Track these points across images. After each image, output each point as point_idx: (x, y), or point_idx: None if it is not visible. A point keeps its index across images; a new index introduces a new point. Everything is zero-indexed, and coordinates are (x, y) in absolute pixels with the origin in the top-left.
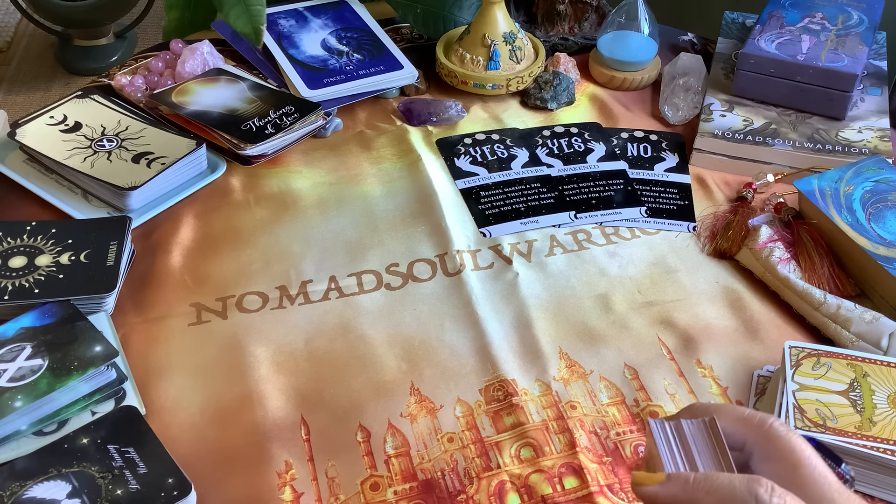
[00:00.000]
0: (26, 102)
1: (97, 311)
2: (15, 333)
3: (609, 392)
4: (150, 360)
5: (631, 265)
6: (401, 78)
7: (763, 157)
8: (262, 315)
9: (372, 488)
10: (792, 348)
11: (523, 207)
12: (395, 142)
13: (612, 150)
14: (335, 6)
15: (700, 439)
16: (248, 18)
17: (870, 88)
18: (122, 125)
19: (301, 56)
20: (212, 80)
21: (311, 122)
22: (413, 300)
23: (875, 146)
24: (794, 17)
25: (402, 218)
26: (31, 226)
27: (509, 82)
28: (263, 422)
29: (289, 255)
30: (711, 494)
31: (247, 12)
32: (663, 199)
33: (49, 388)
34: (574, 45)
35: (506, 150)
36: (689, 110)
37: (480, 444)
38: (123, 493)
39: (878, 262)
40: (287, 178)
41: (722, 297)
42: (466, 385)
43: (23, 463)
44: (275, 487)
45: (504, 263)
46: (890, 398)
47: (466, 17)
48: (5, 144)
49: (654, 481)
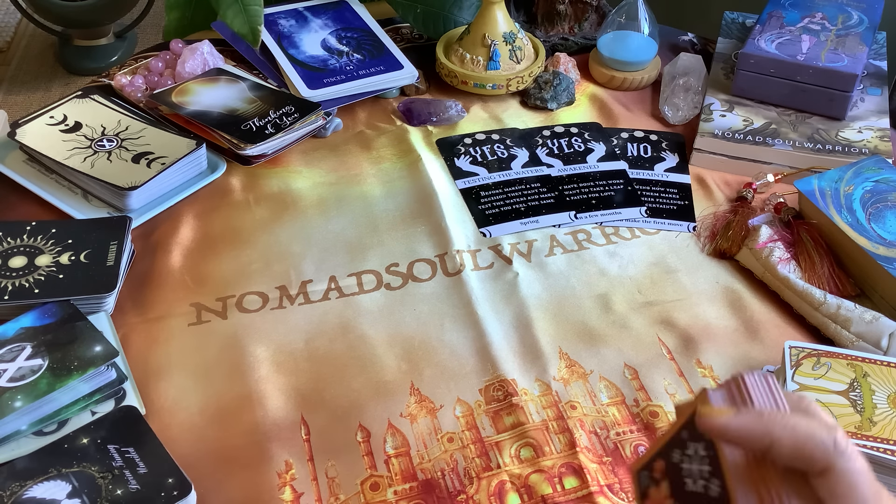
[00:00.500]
0: (26, 102)
1: (97, 311)
2: (15, 333)
3: (609, 392)
4: (150, 360)
5: (631, 265)
6: (401, 78)
7: (763, 157)
8: (262, 315)
9: (372, 488)
10: (792, 348)
11: (523, 207)
12: (395, 142)
13: (612, 150)
14: (335, 6)
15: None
16: (245, 19)
17: (870, 88)
18: (122, 125)
19: (301, 56)
20: (212, 80)
21: (311, 122)
22: (413, 300)
23: (875, 146)
24: (794, 17)
25: (402, 218)
26: (31, 226)
27: (509, 82)
28: (263, 422)
29: (289, 255)
30: (788, 430)
31: (244, 12)
32: (663, 199)
33: (49, 388)
34: (574, 45)
35: (506, 150)
36: (689, 110)
37: (480, 444)
38: (123, 493)
39: (878, 262)
40: (287, 178)
41: (722, 297)
42: (466, 385)
43: (23, 463)
44: (275, 487)
45: (504, 263)
46: (890, 398)
47: (466, 17)
48: (5, 144)
49: (723, 414)
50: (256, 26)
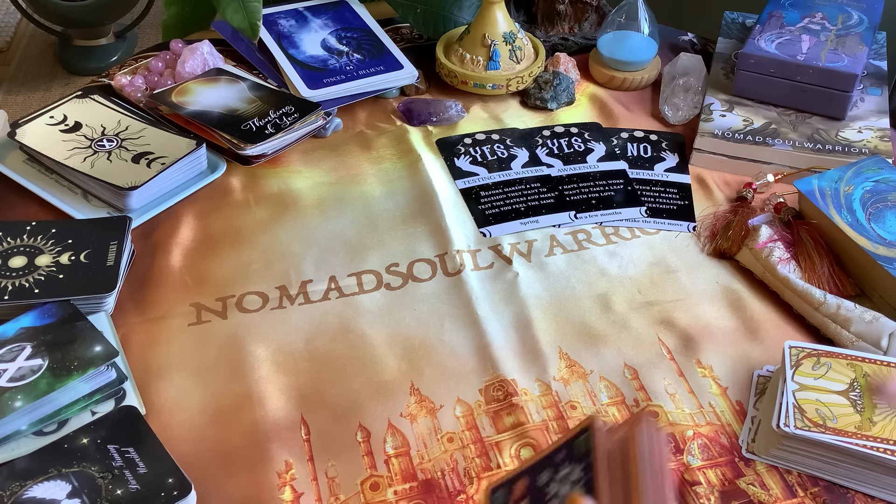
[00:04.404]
0: (26, 102)
1: (97, 311)
2: (15, 333)
3: (609, 392)
4: (150, 360)
5: (631, 265)
6: (401, 78)
7: (763, 157)
8: (262, 315)
9: (372, 488)
10: (792, 348)
11: (523, 207)
12: (395, 142)
13: (612, 150)
14: (335, 6)
15: None
16: (244, 14)
17: (870, 88)
18: (122, 125)
19: (301, 56)
20: (212, 80)
21: (311, 122)
22: (413, 300)
23: (875, 146)
24: (794, 17)
25: (402, 218)
26: (31, 226)
27: (509, 82)
28: (263, 422)
29: (289, 255)
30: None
31: (243, 8)
32: (663, 199)
33: (49, 388)
34: (574, 45)
35: (506, 150)
36: (689, 110)
37: (480, 443)
38: (123, 493)
39: (878, 262)
40: (287, 178)
41: (722, 297)
42: (466, 385)
43: (23, 463)
44: (275, 487)
45: (504, 263)
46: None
47: (466, 17)
48: (5, 144)
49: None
50: (255, 21)
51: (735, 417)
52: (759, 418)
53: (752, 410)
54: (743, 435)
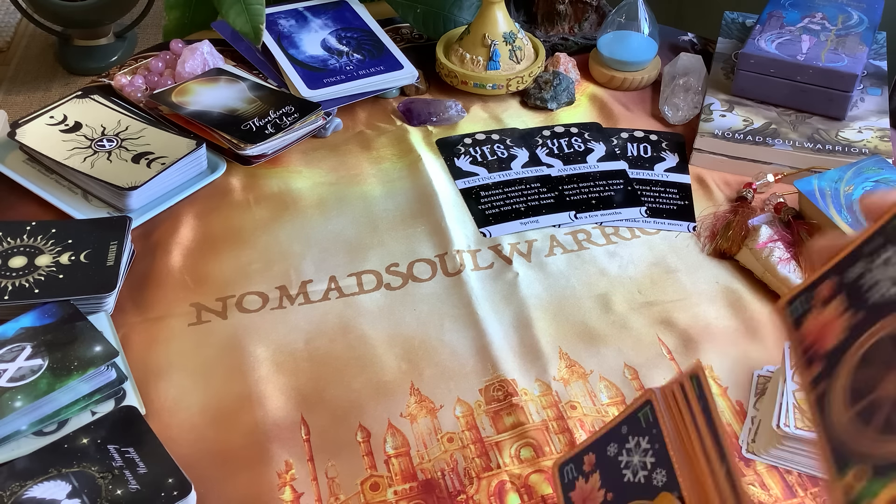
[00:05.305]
0: (26, 102)
1: (97, 311)
2: (15, 333)
3: (609, 392)
4: (150, 360)
5: (631, 265)
6: (401, 78)
7: (763, 157)
8: (262, 315)
9: (372, 488)
10: None
11: (523, 207)
12: (395, 142)
13: (612, 150)
14: (335, 6)
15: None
16: (247, 17)
17: (870, 88)
18: (122, 125)
19: (301, 56)
20: (212, 80)
21: (311, 122)
22: (413, 300)
23: (875, 146)
24: (794, 17)
25: (402, 218)
26: (31, 226)
27: (509, 82)
28: (263, 422)
29: (289, 255)
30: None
31: (246, 11)
32: (663, 199)
33: (49, 388)
34: (574, 45)
35: (506, 150)
36: (689, 110)
37: (480, 444)
38: (123, 494)
39: None
40: (287, 178)
41: (722, 297)
42: (466, 385)
43: (23, 463)
44: (275, 487)
45: (504, 263)
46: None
47: (466, 17)
48: (5, 144)
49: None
50: (259, 25)
51: (735, 417)
52: (759, 418)
53: (752, 410)
54: (743, 435)
